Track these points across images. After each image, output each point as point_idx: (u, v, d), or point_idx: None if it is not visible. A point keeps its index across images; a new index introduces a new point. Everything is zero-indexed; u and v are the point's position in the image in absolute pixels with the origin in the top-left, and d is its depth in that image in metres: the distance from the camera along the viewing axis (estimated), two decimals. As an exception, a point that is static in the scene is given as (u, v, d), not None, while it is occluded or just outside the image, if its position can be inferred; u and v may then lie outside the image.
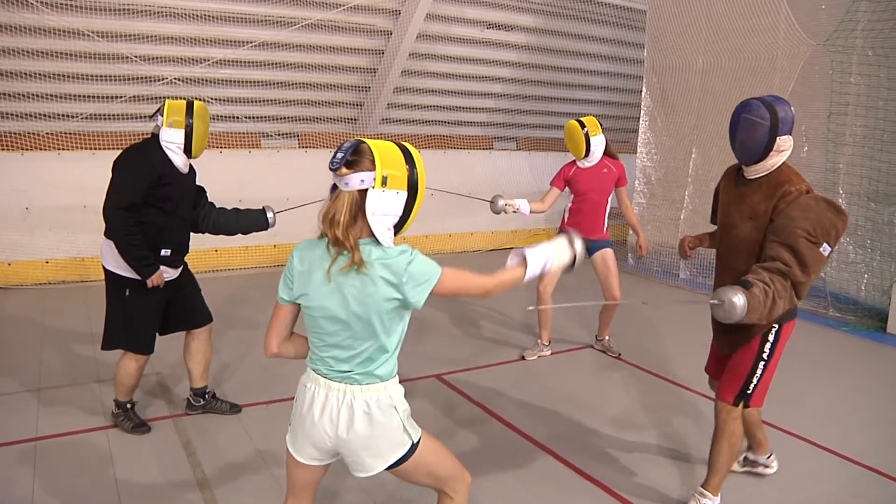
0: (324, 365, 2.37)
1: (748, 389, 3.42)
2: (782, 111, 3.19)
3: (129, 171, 3.96)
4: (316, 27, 8.56)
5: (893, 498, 3.95)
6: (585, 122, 5.62)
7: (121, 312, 4.14)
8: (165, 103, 4.06)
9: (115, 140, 7.97)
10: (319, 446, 2.40)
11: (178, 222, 4.17)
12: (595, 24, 10.59)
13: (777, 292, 2.97)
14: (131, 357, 4.21)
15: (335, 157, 2.18)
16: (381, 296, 2.22)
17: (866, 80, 7.37)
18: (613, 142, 5.87)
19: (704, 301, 3.04)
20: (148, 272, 4.00)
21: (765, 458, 4.04)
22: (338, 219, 2.18)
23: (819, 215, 3.05)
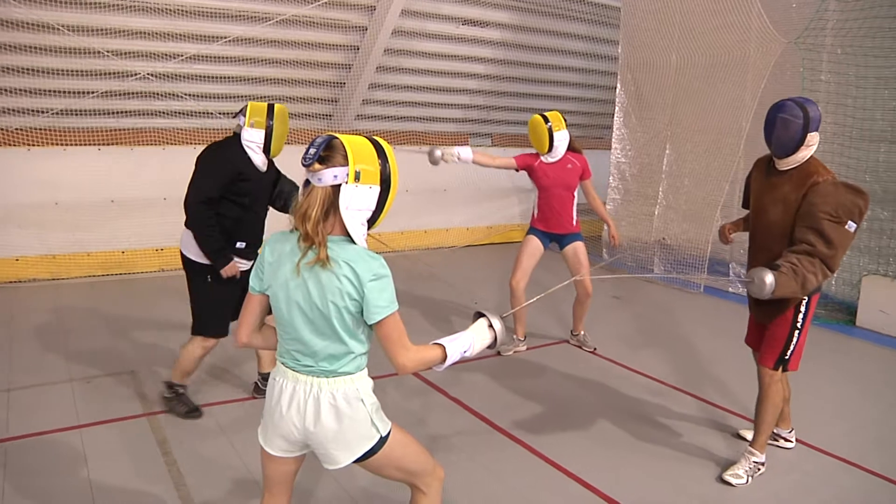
0: (290, 358, 2.39)
1: (786, 355, 3.87)
2: (812, 111, 3.63)
3: (209, 167, 4.21)
4: (290, 23, 8.50)
5: (859, 487, 4.03)
6: (549, 116, 5.64)
7: (201, 297, 4.37)
8: (248, 105, 4.31)
9: (87, 136, 7.87)
10: (288, 438, 2.41)
11: (253, 217, 4.41)
12: (570, 20, 10.64)
13: (806, 269, 3.42)
14: (199, 342, 4.39)
15: (308, 153, 2.19)
16: (345, 294, 2.23)
17: (836, 78, 7.47)
18: (587, 138, 5.92)
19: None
20: (222, 263, 4.23)
21: (786, 432, 4.42)
22: (310, 214, 2.19)
23: (838, 198, 3.50)
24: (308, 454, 2.55)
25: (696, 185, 8.85)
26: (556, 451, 4.24)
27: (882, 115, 7.21)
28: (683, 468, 4.14)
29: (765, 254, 3.79)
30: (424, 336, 6.26)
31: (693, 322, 7.23)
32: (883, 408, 5.23)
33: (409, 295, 7.66)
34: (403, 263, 9.24)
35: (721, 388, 5.38)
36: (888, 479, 4.09)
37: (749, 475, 3.96)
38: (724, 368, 5.79)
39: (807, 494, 3.92)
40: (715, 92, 8.47)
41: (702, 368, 5.82)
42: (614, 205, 9.85)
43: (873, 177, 7.27)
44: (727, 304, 8.00)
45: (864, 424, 4.90)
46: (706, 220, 8.51)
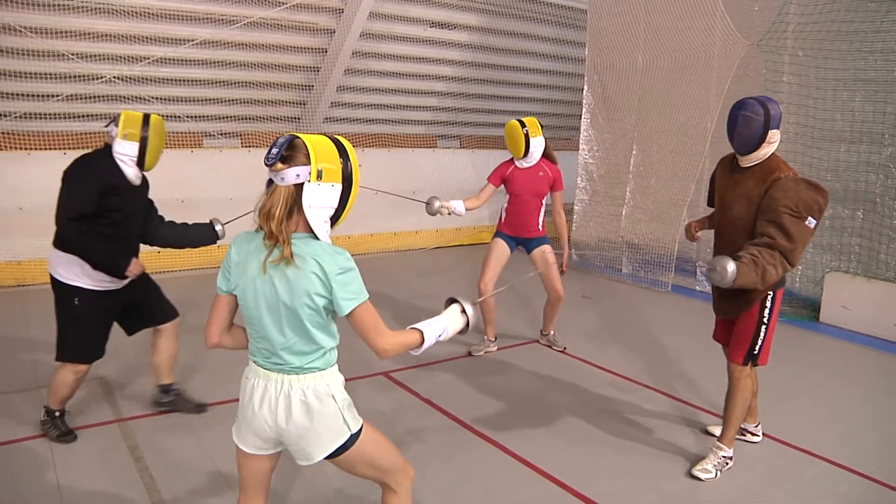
0: (260, 356, 2.41)
1: (755, 350, 3.95)
2: (773, 108, 3.72)
3: (80, 181, 3.92)
4: (258, 25, 8.47)
5: (824, 479, 4.12)
6: (526, 122, 5.68)
7: (68, 321, 4.10)
8: (122, 115, 4.03)
9: (52, 140, 7.76)
10: (261, 436, 2.43)
11: (127, 234, 4.14)
12: (537, 23, 10.72)
13: (766, 261, 3.48)
14: (70, 368, 4.14)
15: (270, 153, 2.22)
16: (312, 289, 2.26)
17: (797, 80, 7.62)
18: (556, 139, 5.97)
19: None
20: (123, 265, 3.99)
21: (753, 426, 4.51)
22: (273, 212, 2.23)
23: (798, 193, 3.57)
24: (283, 455, 2.56)
25: (662, 186, 8.96)
26: (528, 449, 4.28)
27: (842, 115, 7.37)
28: (653, 464, 4.20)
29: (729, 249, 3.84)
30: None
31: (661, 320, 7.33)
32: (847, 402, 5.35)
33: (379, 296, 7.66)
34: (374, 265, 9.24)
35: (689, 385, 5.46)
36: (851, 469, 4.19)
37: (717, 469, 4.03)
38: (692, 365, 5.88)
39: (774, 487, 4.00)
40: (680, 93, 8.59)
41: (670, 365, 5.90)
42: (582, 205, 9.94)
43: (834, 176, 7.43)
44: (694, 302, 8.12)
45: (827, 418, 5.01)
46: (673, 219, 8.62)
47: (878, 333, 6.87)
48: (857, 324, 7.04)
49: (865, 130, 7.26)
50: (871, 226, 7.20)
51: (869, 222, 7.23)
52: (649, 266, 8.98)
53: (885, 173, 7.14)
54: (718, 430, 4.31)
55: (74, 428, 4.30)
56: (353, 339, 2.48)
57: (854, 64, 7.20)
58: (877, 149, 7.20)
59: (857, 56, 7.14)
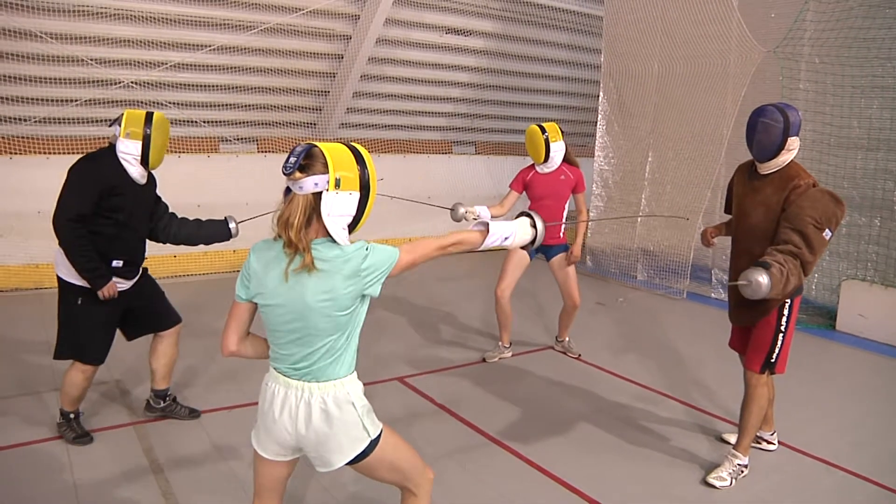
0: (282, 363, 2.42)
1: (772, 358, 3.92)
2: (793, 116, 3.71)
3: (78, 181, 3.91)
4: (275, 31, 8.53)
5: (839, 488, 4.09)
6: (546, 127, 5.68)
7: (71, 321, 4.09)
8: (124, 113, 4.01)
9: (70, 144, 7.84)
10: (281, 442, 2.44)
11: (131, 233, 4.12)
12: (553, 29, 10.74)
13: (790, 271, 3.46)
14: (79, 368, 4.14)
15: (288, 162, 2.24)
16: (340, 292, 2.28)
17: (814, 87, 7.59)
18: (571, 146, 5.95)
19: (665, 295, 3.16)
20: (99, 283, 3.95)
21: (769, 435, 4.47)
22: (292, 221, 2.24)
23: (824, 205, 3.57)
24: (300, 459, 2.58)
25: (678, 192, 8.93)
26: (542, 455, 4.28)
27: (859, 122, 7.33)
28: (668, 471, 4.18)
29: (747, 257, 3.84)
30: (409, 341, 6.29)
31: (676, 327, 7.30)
32: (862, 410, 5.31)
33: (394, 301, 7.69)
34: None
35: (704, 392, 5.44)
36: (867, 478, 4.16)
37: (732, 477, 4.01)
38: (707, 372, 5.85)
39: (789, 496, 3.97)
40: (696, 100, 8.57)
41: (685, 373, 5.88)
42: (597, 212, 9.92)
43: (851, 183, 7.39)
44: (710, 309, 8.08)
45: (843, 426, 4.97)
46: (688, 226, 8.59)
47: (895, 342, 6.80)
48: (873, 332, 6.98)
49: (883, 138, 7.21)
50: (889, 233, 7.14)
51: (886, 230, 7.18)
52: (664, 273, 8.95)
53: (902, 181, 7.10)
54: (733, 438, 4.29)
55: (90, 430, 4.33)
56: (370, 344, 2.50)
57: (871, 71, 7.16)
58: (894, 156, 7.16)
59: (874, 63, 7.10)
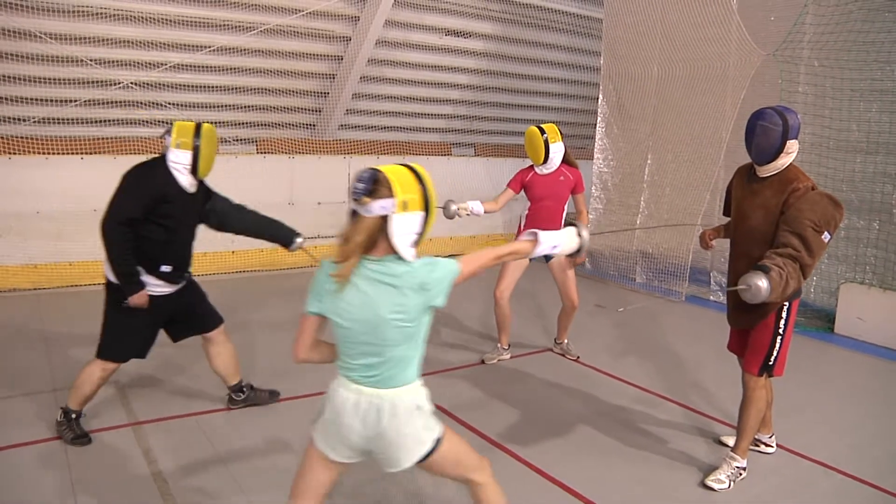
0: (354, 371, 2.55)
1: (770, 361, 3.92)
2: (792, 119, 3.72)
3: (132, 187, 4.06)
4: (275, 32, 8.53)
5: (837, 491, 4.09)
6: (546, 128, 5.68)
7: (114, 321, 4.20)
8: (174, 124, 4.17)
9: (69, 145, 7.84)
10: (351, 445, 2.59)
11: (179, 240, 4.27)
12: (552, 31, 10.74)
13: (789, 274, 3.46)
14: (100, 364, 4.21)
15: (357, 188, 2.39)
16: (410, 304, 2.45)
17: (813, 90, 7.60)
18: (570, 148, 5.95)
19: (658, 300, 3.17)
20: (132, 290, 4.05)
21: (767, 437, 4.48)
22: (352, 238, 2.41)
23: (823, 208, 3.58)
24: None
25: (677, 195, 8.94)
26: (540, 457, 4.27)
27: (857, 126, 7.34)
28: (666, 474, 4.19)
29: (745, 259, 3.86)
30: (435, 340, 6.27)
31: (675, 330, 7.30)
32: (860, 413, 5.31)
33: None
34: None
35: (703, 395, 5.44)
36: (865, 481, 4.17)
37: (731, 480, 4.01)
38: (706, 375, 5.85)
39: (787, 498, 3.98)
40: (695, 103, 8.58)
41: (684, 375, 5.88)
42: (596, 214, 9.92)
43: (849, 186, 7.40)
44: (709, 312, 8.08)
45: (842, 429, 4.98)
46: (687, 229, 8.60)
47: (893, 345, 6.81)
48: (872, 335, 6.99)
49: (882, 141, 7.22)
50: (887, 237, 7.15)
51: (885, 233, 7.19)
52: (663, 275, 8.95)
53: (901, 184, 7.11)
54: (732, 441, 4.29)
55: (89, 431, 4.32)
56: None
57: (870, 74, 7.17)
58: (893, 159, 7.17)
59: (873, 66, 7.11)
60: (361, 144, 9.98)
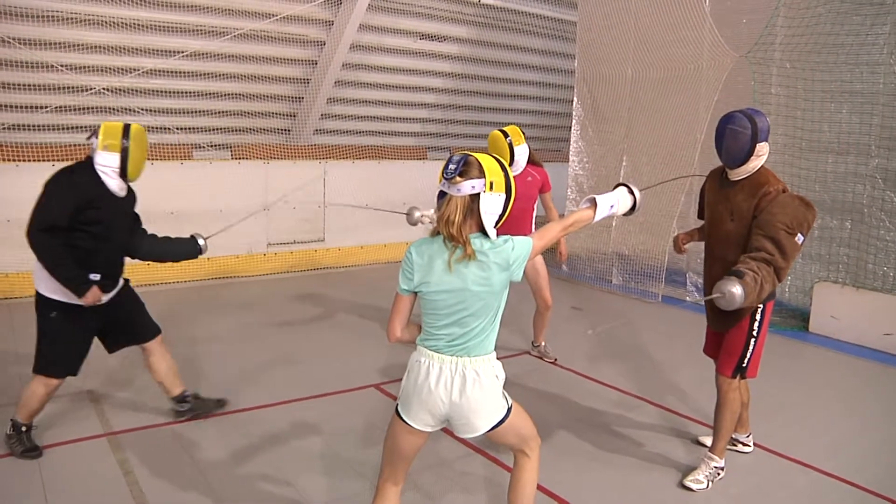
0: (439, 341, 2.75)
1: (743, 363, 3.95)
2: (761, 122, 3.74)
3: (54, 193, 3.89)
4: (248, 37, 8.48)
5: (814, 489, 4.13)
6: (508, 131, 5.68)
7: (47, 335, 4.07)
8: (101, 126, 3.99)
9: (40, 152, 7.71)
10: (434, 412, 2.78)
11: (109, 247, 4.10)
12: (527, 35, 10.78)
13: (763, 278, 3.49)
14: (42, 380, 4.09)
15: (448, 168, 2.66)
16: (496, 278, 2.66)
17: (785, 91, 7.68)
18: (545, 150, 5.98)
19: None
20: (82, 290, 3.91)
21: (745, 437, 4.52)
22: (452, 219, 2.63)
23: (794, 210, 3.61)
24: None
25: (652, 197, 8.94)
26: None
27: (829, 127, 7.43)
28: (645, 475, 4.20)
29: (720, 263, 3.90)
30: (385, 348, 6.25)
31: (651, 331, 7.34)
32: (836, 411, 5.36)
33: (374, 308, 7.65)
34: (365, 276, 9.23)
35: (680, 396, 5.47)
36: (841, 478, 4.21)
37: (709, 480, 4.03)
38: (683, 376, 5.88)
39: (765, 497, 4.01)
40: (670, 105, 8.64)
41: (661, 376, 5.90)
42: (573, 217, 9.94)
43: (822, 187, 7.48)
44: (685, 312, 8.13)
45: (817, 427, 5.03)
46: (663, 231, 8.65)
47: (867, 343, 6.90)
48: (845, 333, 7.07)
49: (852, 142, 7.31)
50: (859, 236, 7.24)
51: (857, 233, 7.28)
52: (639, 277, 9.00)
53: (871, 184, 7.19)
54: (709, 441, 4.31)
55: (63, 442, 4.27)
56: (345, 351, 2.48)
57: (840, 76, 7.26)
58: (864, 160, 7.26)
59: (843, 68, 7.21)
60: (337, 149, 9.94)
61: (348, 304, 7.89)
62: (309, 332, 6.88)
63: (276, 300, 8.02)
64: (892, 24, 6.82)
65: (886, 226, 7.03)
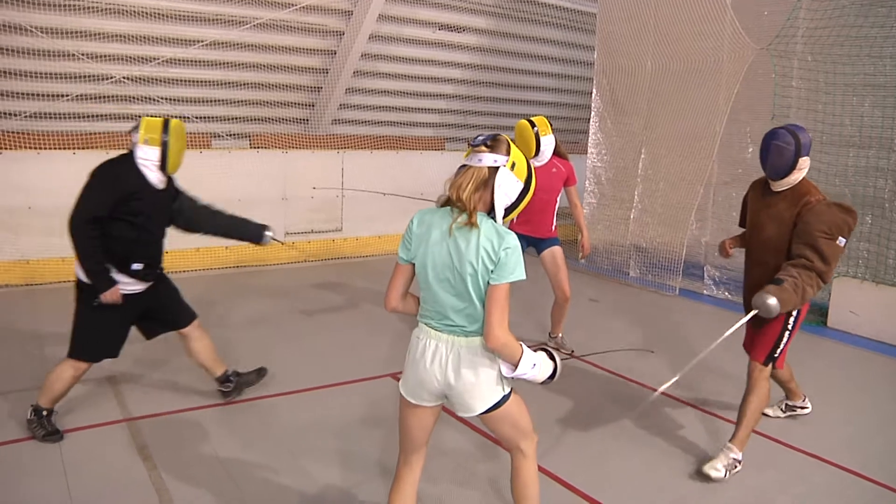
0: (434, 319, 2.76)
1: (776, 353, 4.22)
2: (804, 137, 4.00)
3: (99, 185, 4.03)
4: (267, 27, 8.50)
5: (841, 489, 4.11)
6: (536, 121, 5.69)
7: (86, 321, 4.18)
8: (142, 120, 4.14)
9: (61, 140, 7.79)
10: (430, 389, 2.79)
11: (149, 237, 4.26)
12: (546, 26, 10.73)
13: (805, 282, 3.79)
14: (71, 364, 4.19)
15: (477, 139, 2.68)
16: (482, 256, 2.59)
17: (806, 84, 7.61)
18: (564, 142, 5.95)
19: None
20: (103, 286, 4.03)
21: (800, 402, 4.98)
22: (464, 186, 2.62)
23: (831, 216, 3.87)
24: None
25: (671, 189, 8.95)
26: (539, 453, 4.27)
27: (850, 120, 7.35)
28: (662, 466, 4.21)
29: (760, 267, 4.18)
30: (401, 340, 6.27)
31: (669, 324, 7.31)
32: (854, 407, 5.34)
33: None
34: (381, 267, 9.25)
35: (697, 388, 5.45)
36: (859, 474, 4.20)
37: (727, 470, 4.05)
38: (701, 369, 5.85)
39: (781, 491, 4.00)
40: (689, 97, 8.58)
41: (678, 369, 5.86)
42: (590, 209, 9.93)
43: (842, 181, 7.41)
44: (703, 306, 8.10)
45: (835, 423, 5.00)
46: (681, 223, 8.61)
47: (886, 339, 6.86)
48: (864, 329, 7.03)
49: (874, 136, 7.23)
50: (880, 231, 7.17)
51: (877, 227, 7.21)
52: (657, 270, 8.97)
53: (893, 179, 7.12)
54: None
55: (82, 427, 4.33)
56: (361, 341, 2.49)
57: (863, 69, 7.17)
58: (885, 154, 7.18)
59: (866, 61, 7.12)
60: (355, 139, 9.96)
61: (365, 293, 7.92)
62: (326, 321, 6.92)
63: (294, 289, 8.06)
64: (918, 17, 6.74)
65: (907, 221, 6.96)
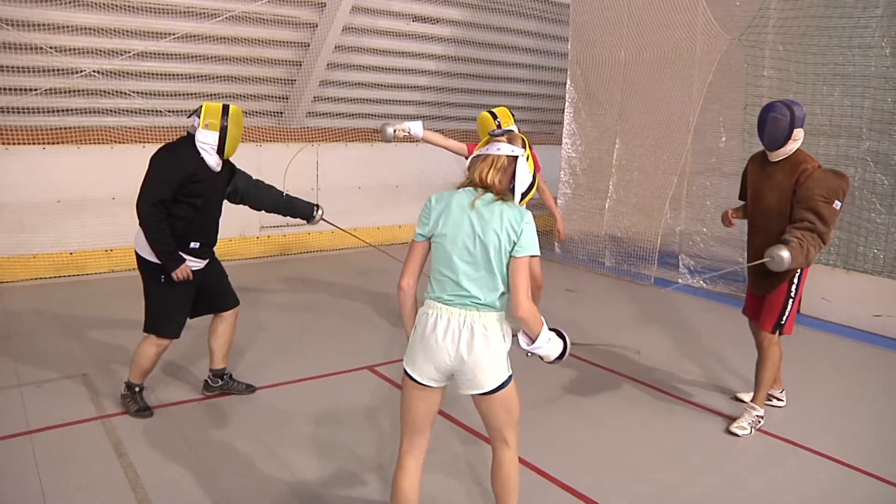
0: (447, 291, 2.79)
1: (782, 321, 4.54)
2: (797, 110, 4.33)
3: (162, 169, 4.24)
4: (240, 19, 8.42)
5: (802, 466, 4.19)
6: (497, 112, 5.67)
7: (155, 296, 4.39)
8: (203, 106, 4.35)
9: (30, 135, 7.66)
10: (439, 366, 2.80)
11: (207, 218, 4.46)
12: (520, 17, 10.73)
13: (809, 243, 4.09)
14: (153, 341, 4.42)
15: (496, 131, 2.92)
16: (505, 229, 2.71)
17: (778, 74, 7.67)
18: (538, 133, 5.97)
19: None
20: (173, 265, 4.24)
21: (778, 393, 5.07)
22: (486, 171, 2.79)
23: (828, 182, 4.19)
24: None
25: (645, 179, 9.01)
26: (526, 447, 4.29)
27: (821, 109, 7.42)
28: (636, 461, 4.25)
29: (762, 234, 4.47)
30: (380, 331, 6.26)
31: (645, 312, 7.37)
32: (825, 391, 5.44)
33: (366, 291, 7.67)
34: (357, 259, 9.22)
35: (671, 375, 5.50)
36: (830, 457, 4.27)
37: (752, 426, 4.53)
38: (677, 355, 5.91)
39: (756, 475, 4.05)
40: (663, 87, 8.64)
41: (653, 356, 5.93)
42: (565, 199, 9.97)
43: (814, 169, 7.48)
44: (677, 294, 8.15)
45: (807, 408, 5.09)
46: (655, 213, 8.67)
47: (857, 325, 6.97)
48: (836, 315, 7.14)
49: (844, 125, 7.32)
50: (850, 218, 7.26)
51: (847, 215, 7.29)
52: (632, 259, 9.03)
53: (862, 167, 7.21)
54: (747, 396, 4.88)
55: (55, 426, 4.29)
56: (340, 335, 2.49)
57: (833, 59, 7.25)
58: (855, 143, 7.27)
59: (835, 51, 7.20)
60: (329, 132, 9.90)
61: (341, 286, 7.90)
62: (302, 314, 6.89)
63: (269, 283, 8.02)
64: (885, 7, 6.81)
65: (877, 208, 7.05)
